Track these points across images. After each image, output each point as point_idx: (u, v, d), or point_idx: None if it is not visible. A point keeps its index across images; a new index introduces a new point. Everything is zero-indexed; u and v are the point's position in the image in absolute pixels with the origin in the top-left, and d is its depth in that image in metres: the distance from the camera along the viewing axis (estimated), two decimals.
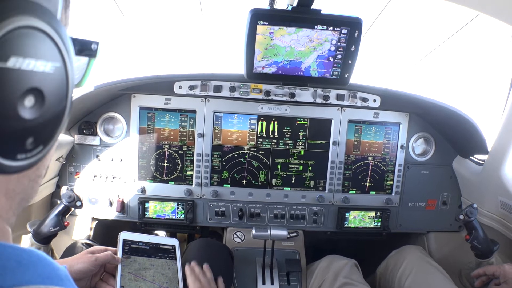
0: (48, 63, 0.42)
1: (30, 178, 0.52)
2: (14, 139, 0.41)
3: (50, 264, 0.47)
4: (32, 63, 0.40)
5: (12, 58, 0.37)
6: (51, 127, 0.46)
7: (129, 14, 4.60)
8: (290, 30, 1.67)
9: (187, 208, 2.17)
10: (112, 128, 2.16)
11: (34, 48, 0.40)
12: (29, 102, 0.41)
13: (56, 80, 0.44)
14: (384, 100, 2.15)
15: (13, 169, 0.42)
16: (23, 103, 0.40)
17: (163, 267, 1.49)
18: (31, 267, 0.44)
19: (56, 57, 0.43)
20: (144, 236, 1.56)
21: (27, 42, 0.39)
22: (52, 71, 0.43)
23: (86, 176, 2.13)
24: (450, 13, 4.18)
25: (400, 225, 2.32)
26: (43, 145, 0.46)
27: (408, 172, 2.28)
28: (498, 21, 1.49)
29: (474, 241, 1.82)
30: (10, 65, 0.37)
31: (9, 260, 0.42)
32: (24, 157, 0.43)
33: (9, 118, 0.39)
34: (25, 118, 0.40)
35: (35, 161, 0.45)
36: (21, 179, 0.50)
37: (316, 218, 2.26)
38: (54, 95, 0.44)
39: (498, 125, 1.88)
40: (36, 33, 0.40)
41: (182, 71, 2.08)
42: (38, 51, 0.40)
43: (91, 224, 2.20)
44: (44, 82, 0.42)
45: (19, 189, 0.50)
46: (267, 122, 2.16)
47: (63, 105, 0.47)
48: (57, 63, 0.44)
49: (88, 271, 1.31)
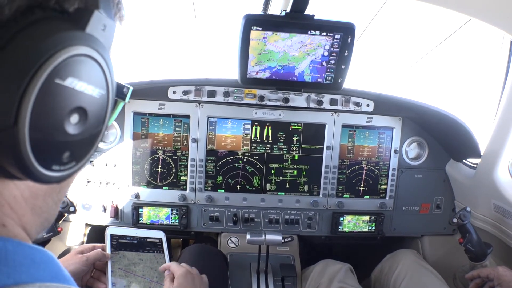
0: (96, 89, 0.49)
1: (54, 200, 0.57)
2: (55, 149, 0.46)
3: (57, 264, 0.51)
4: (84, 86, 0.46)
5: (69, 78, 0.43)
6: (86, 146, 0.51)
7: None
8: (283, 35, 1.67)
9: (181, 213, 2.16)
10: (106, 134, 2.14)
11: (87, 74, 0.46)
12: (74, 119, 0.46)
13: (99, 104, 0.50)
14: (377, 104, 2.16)
15: (46, 178, 0.46)
16: (69, 119, 0.45)
17: (152, 261, 1.49)
18: (42, 265, 0.48)
19: (103, 85, 0.50)
20: (131, 230, 1.56)
21: (83, 68, 0.45)
22: (98, 96, 0.49)
23: (79, 181, 2.12)
24: (442, 18, 4.22)
25: (394, 229, 2.33)
26: (76, 161, 0.50)
27: (401, 176, 2.29)
28: (490, 26, 1.51)
29: (468, 244, 1.82)
30: (67, 83, 0.43)
31: (25, 258, 0.46)
32: (58, 169, 0.47)
33: (56, 129, 0.44)
34: (68, 132, 0.46)
35: (66, 175, 0.49)
36: (47, 199, 0.55)
37: (311, 223, 2.26)
38: (95, 117, 0.50)
39: (490, 128, 1.90)
40: (91, 61, 0.47)
41: (176, 76, 2.07)
42: (90, 77, 0.47)
43: (84, 230, 2.19)
44: (90, 104, 0.48)
45: (45, 207, 0.55)
46: (261, 127, 2.17)
47: (100, 129, 0.53)
48: (103, 90, 0.50)
49: (80, 272, 1.32)
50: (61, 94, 0.43)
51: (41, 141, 0.43)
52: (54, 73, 0.41)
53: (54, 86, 0.42)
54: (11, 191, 0.49)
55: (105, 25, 0.49)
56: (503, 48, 2.00)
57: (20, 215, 0.50)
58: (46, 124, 0.43)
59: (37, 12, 0.42)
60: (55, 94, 0.42)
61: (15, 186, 0.49)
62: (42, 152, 0.43)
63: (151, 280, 1.41)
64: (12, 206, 0.49)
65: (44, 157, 0.44)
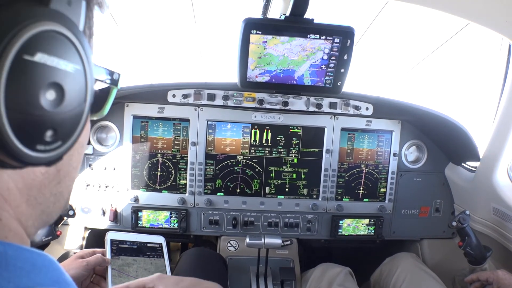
0: (70, 63, 0.48)
1: (52, 192, 0.56)
2: (34, 127, 0.45)
3: (59, 268, 0.50)
4: (56, 60, 0.45)
5: (38, 54, 0.43)
6: (70, 124, 0.50)
7: (122, 23, 4.60)
8: (283, 39, 1.68)
9: (181, 217, 2.15)
10: (105, 137, 2.14)
11: (57, 48, 0.46)
12: (50, 95, 0.46)
13: (75, 80, 0.50)
14: (376, 108, 2.17)
15: (31, 159, 0.45)
16: (45, 95, 0.45)
17: (145, 262, 1.48)
18: (43, 270, 0.47)
19: (76, 60, 0.49)
20: (131, 235, 1.55)
21: (52, 43, 0.45)
22: (73, 71, 0.49)
23: (78, 185, 2.11)
24: (440, 22, 4.23)
25: (393, 233, 2.33)
26: (62, 141, 0.49)
27: (401, 180, 2.29)
28: (488, 29, 1.52)
29: (467, 247, 1.82)
30: (36, 59, 0.43)
31: (25, 263, 0.45)
32: (43, 149, 0.47)
33: (33, 106, 0.44)
34: (46, 109, 0.45)
35: (53, 156, 0.49)
36: (43, 189, 0.54)
37: (310, 226, 2.26)
38: (73, 93, 0.49)
39: (489, 132, 1.91)
40: (60, 37, 0.46)
41: (175, 80, 2.07)
42: (61, 52, 0.46)
43: (83, 233, 2.18)
44: (65, 79, 0.47)
45: (40, 199, 0.54)
46: (260, 131, 2.17)
47: (82, 107, 0.52)
48: (77, 65, 0.49)
49: (80, 277, 1.31)
50: (32, 70, 0.43)
51: (20, 120, 0.43)
52: (22, 50, 0.41)
53: (24, 63, 0.42)
54: (4, 183, 0.49)
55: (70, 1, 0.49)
56: (502, 51, 2.01)
57: (14, 207, 0.50)
58: (22, 102, 0.43)
59: None
60: (26, 71, 0.42)
61: (8, 177, 0.49)
62: (23, 131, 0.43)
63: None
64: (6, 198, 0.49)
65: (26, 136, 0.44)
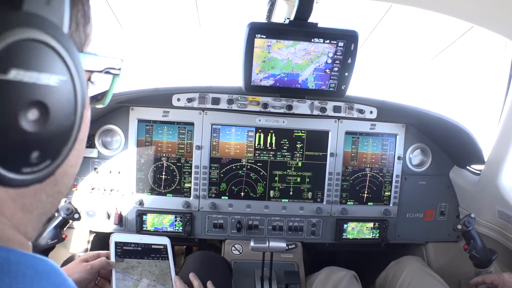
0: (52, 76, 0.41)
1: (48, 194, 0.53)
2: (17, 151, 0.40)
3: (61, 274, 0.50)
4: (34, 75, 0.39)
5: (12, 71, 0.37)
6: (58, 142, 0.46)
7: (127, 26, 4.63)
8: (287, 43, 1.69)
9: (185, 220, 2.16)
10: (110, 141, 2.16)
11: (36, 61, 0.39)
12: (32, 115, 0.40)
13: (62, 94, 0.43)
14: (380, 111, 2.17)
15: (18, 182, 0.41)
16: (26, 116, 0.39)
17: (150, 265, 1.47)
18: (45, 276, 0.46)
19: (62, 71, 0.43)
20: (135, 236, 1.54)
21: (29, 55, 0.39)
22: (57, 84, 0.42)
23: (84, 188, 2.12)
24: (445, 25, 4.23)
25: (398, 236, 2.32)
26: (50, 159, 0.45)
27: (405, 183, 2.28)
28: (492, 33, 1.52)
29: (472, 250, 1.82)
30: (10, 77, 0.37)
31: (28, 269, 0.44)
32: (30, 171, 0.42)
33: (10, 129, 0.38)
34: (27, 131, 0.40)
35: (43, 175, 0.45)
36: (38, 194, 0.51)
37: (315, 230, 2.25)
38: (60, 109, 0.43)
39: (494, 134, 1.90)
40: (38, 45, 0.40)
41: (180, 84, 2.09)
42: (40, 64, 0.40)
43: (88, 237, 2.19)
44: (48, 95, 0.41)
45: (36, 204, 0.52)
46: (264, 134, 2.17)
47: (71, 120, 0.46)
48: (63, 76, 0.43)
49: (84, 280, 1.31)
50: (6, 90, 0.37)
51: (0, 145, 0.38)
52: None
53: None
54: None
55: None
56: (506, 54, 2.01)
57: (9, 216, 0.48)
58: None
59: None
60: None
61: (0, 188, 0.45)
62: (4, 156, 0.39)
63: (148, 284, 1.41)
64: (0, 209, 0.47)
65: (9, 161, 0.40)
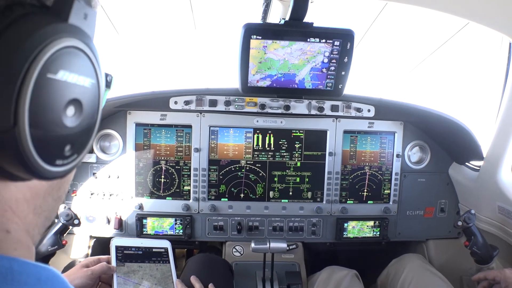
0: (87, 78, 0.49)
1: (53, 198, 0.57)
2: (57, 144, 0.46)
3: (63, 282, 0.51)
4: (76, 77, 0.46)
5: (60, 71, 0.44)
6: (85, 137, 0.52)
7: (123, 31, 4.63)
8: (283, 43, 1.69)
9: (185, 223, 2.16)
10: (108, 145, 2.15)
11: (77, 65, 0.47)
12: (70, 111, 0.47)
13: (92, 94, 0.51)
14: (378, 109, 2.17)
15: (51, 174, 0.46)
16: (66, 112, 0.46)
17: (151, 269, 1.47)
18: (48, 284, 0.48)
19: (92, 74, 0.50)
20: (136, 240, 1.54)
21: (72, 60, 0.46)
22: (90, 86, 0.50)
23: (83, 194, 2.12)
24: (440, 22, 4.24)
25: (399, 234, 2.32)
26: (77, 153, 0.51)
27: (404, 181, 2.28)
28: (488, 28, 1.52)
29: (473, 247, 1.82)
30: (59, 77, 0.44)
31: (30, 277, 0.45)
32: (61, 163, 0.48)
33: (55, 123, 0.45)
34: (66, 125, 0.46)
35: (69, 168, 0.50)
36: (46, 197, 0.55)
37: (315, 230, 2.25)
38: (90, 107, 0.50)
39: (492, 130, 1.90)
40: (78, 52, 0.47)
41: (177, 87, 2.08)
42: (80, 68, 0.47)
43: (89, 242, 2.18)
44: (83, 95, 0.49)
45: (44, 206, 0.55)
46: (263, 135, 2.17)
47: (95, 118, 0.53)
48: (93, 80, 0.50)
49: (85, 286, 1.30)
50: (55, 88, 0.43)
51: (42, 138, 0.43)
52: (45, 69, 0.42)
53: (47, 81, 0.42)
54: (13, 194, 0.49)
55: (86, 14, 0.49)
56: (502, 50, 2.01)
57: (23, 218, 0.51)
58: (44, 120, 0.43)
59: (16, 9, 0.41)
60: (49, 89, 0.43)
61: (16, 189, 0.49)
62: (44, 148, 0.44)
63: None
64: (14, 210, 0.49)
65: (47, 153, 0.45)
